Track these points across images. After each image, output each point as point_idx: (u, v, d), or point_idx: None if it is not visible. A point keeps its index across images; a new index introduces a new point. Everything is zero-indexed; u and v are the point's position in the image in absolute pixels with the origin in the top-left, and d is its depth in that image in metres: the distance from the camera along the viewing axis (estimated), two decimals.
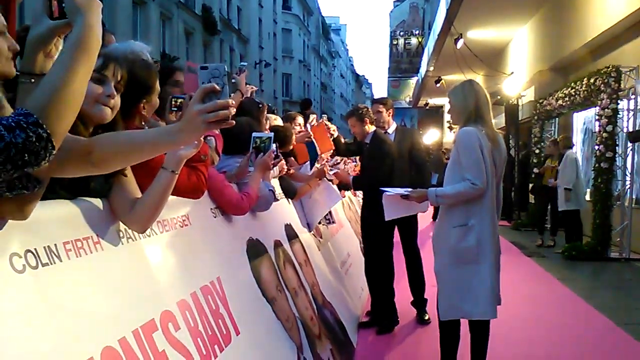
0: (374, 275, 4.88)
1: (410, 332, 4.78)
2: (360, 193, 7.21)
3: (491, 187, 3.23)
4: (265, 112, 3.86)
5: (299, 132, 5.03)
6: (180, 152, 1.75)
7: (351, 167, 6.90)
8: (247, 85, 4.32)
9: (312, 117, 5.94)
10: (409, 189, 3.57)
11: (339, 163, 6.06)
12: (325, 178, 4.74)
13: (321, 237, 5.02)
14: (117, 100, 1.74)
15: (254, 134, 3.20)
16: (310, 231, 4.68)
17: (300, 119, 5.40)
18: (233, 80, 3.59)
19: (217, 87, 1.40)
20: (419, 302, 5.04)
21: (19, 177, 1.09)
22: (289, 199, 4.36)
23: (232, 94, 3.58)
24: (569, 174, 8.65)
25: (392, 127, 5.07)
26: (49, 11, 1.20)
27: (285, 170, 4.21)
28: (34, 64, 1.20)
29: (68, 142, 1.31)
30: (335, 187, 4.99)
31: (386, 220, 3.88)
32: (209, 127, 1.38)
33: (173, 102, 2.12)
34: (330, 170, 4.98)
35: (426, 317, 4.95)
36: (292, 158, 4.58)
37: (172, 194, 1.85)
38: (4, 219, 1.29)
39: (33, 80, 1.19)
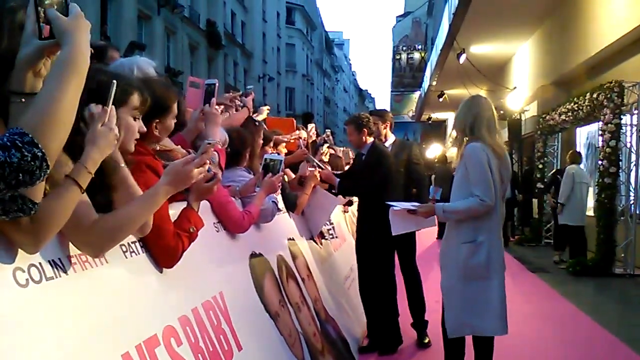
0: (372, 295, 4.64)
1: (413, 352, 4.69)
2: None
3: (499, 204, 3.23)
4: (262, 132, 3.87)
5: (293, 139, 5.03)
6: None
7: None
8: (263, 107, 4.58)
9: (311, 126, 5.92)
10: (416, 204, 3.56)
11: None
12: (319, 187, 4.65)
13: (324, 251, 5.00)
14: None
15: (266, 155, 3.31)
16: (313, 238, 4.68)
17: (303, 133, 5.39)
18: (241, 104, 3.84)
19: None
20: (419, 325, 4.87)
21: (14, 200, 1.10)
22: (290, 212, 4.35)
23: (239, 110, 3.82)
24: (562, 188, 9.02)
25: (389, 141, 4.98)
26: (37, 32, 1.21)
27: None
28: (24, 84, 1.22)
29: (75, 212, 1.36)
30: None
31: (393, 235, 3.80)
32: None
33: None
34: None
35: (426, 341, 4.78)
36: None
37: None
38: (15, 250, 1.30)
39: (23, 99, 1.20)
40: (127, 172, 1.71)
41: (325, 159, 4.84)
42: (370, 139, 4.63)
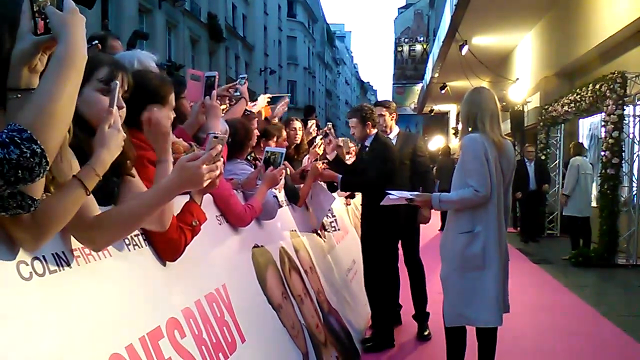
0: (376, 288, 4.61)
1: (416, 344, 4.69)
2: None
3: (496, 194, 3.23)
4: (255, 120, 3.87)
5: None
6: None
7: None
8: (262, 95, 4.59)
9: (311, 123, 5.88)
10: (415, 192, 3.56)
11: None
12: (318, 182, 4.62)
13: (326, 244, 5.01)
14: (123, 111, 1.74)
15: (267, 148, 3.33)
16: (315, 230, 4.69)
17: (297, 124, 5.32)
18: (236, 93, 3.79)
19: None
20: (421, 316, 4.87)
21: (13, 196, 1.10)
22: (294, 205, 4.35)
23: (237, 102, 3.78)
24: (567, 180, 9.09)
25: (394, 132, 4.92)
26: (32, 27, 1.20)
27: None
28: (20, 80, 1.21)
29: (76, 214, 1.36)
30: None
31: (380, 205, 3.73)
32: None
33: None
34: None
35: (426, 333, 4.77)
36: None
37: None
38: (16, 246, 1.31)
39: (20, 95, 1.20)
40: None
41: (320, 151, 4.75)
42: (373, 131, 4.55)
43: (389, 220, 4.32)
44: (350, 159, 6.34)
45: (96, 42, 2.99)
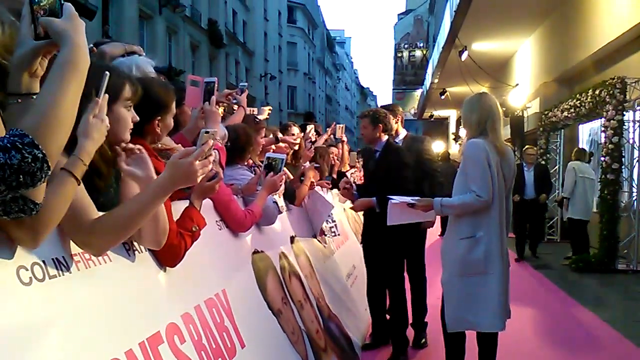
0: (381, 299, 4.61)
1: (414, 351, 4.65)
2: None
3: (498, 200, 3.23)
4: (263, 129, 3.86)
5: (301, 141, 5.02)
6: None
7: (357, 177, 6.60)
8: (265, 107, 4.68)
9: (310, 127, 5.91)
10: (416, 197, 3.56)
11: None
12: (315, 191, 4.63)
13: (326, 249, 5.01)
14: (135, 119, 1.78)
15: (267, 154, 3.34)
16: (315, 236, 4.68)
17: (295, 129, 5.33)
18: (234, 101, 3.82)
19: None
20: (418, 325, 4.81)
21: (15, 200, 1.10)
22: (291, 205, 4.33)
23: (235, 110, 3.84)
24: (566, 183, 9.17)
25: (400, 135, 4.87)
26: (32, 32, 1.21)
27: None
28: (20, 84, 1.22)
29: (75, 212, 1.38)
30: (325, 197, 4.90)
31: (388, 224, 3.74)
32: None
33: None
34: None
35: (422, 341, 4.73)
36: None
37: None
38: (14, 244, 1.31)
39: (20, 100, 1.21)
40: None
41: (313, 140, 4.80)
42: (384, 137, 4.49)
43: (393, 228, 4.20)
44: (355, 173, 6.38)
45: (91, 45, 2.99)
